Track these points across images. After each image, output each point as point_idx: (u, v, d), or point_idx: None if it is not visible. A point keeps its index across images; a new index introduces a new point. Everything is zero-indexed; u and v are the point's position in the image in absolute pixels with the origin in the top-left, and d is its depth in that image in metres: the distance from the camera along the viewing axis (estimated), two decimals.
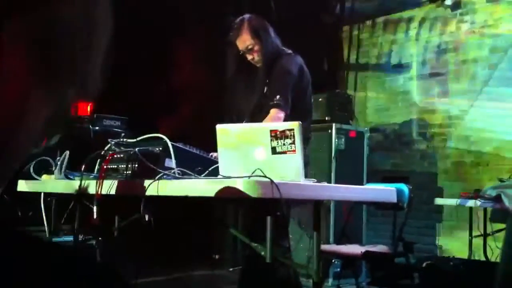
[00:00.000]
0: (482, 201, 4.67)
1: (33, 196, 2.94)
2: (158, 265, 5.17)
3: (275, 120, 2.99)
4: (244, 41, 3.25)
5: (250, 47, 3.25)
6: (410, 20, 6.45)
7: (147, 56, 5.58)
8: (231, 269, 5.75)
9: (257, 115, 3.18)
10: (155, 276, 5.03)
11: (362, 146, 5.69)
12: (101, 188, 2.47)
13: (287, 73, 3.20)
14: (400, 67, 6.50)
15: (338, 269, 5.01)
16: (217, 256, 5.88)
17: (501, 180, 4.74)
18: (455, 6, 6.03)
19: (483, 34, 5.83)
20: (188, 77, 5.74)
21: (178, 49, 5.89)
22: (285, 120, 3.02)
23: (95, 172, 2.69)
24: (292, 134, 2.35)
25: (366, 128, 5.91)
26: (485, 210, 5.02)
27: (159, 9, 5.66)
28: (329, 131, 5.38)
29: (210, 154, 2.72)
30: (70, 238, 3.06)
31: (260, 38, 3.24)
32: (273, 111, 3.06)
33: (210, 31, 5.83)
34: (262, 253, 2.36)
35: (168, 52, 5.86)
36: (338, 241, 4.30)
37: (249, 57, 3.29)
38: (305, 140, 3.31)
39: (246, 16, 3.32)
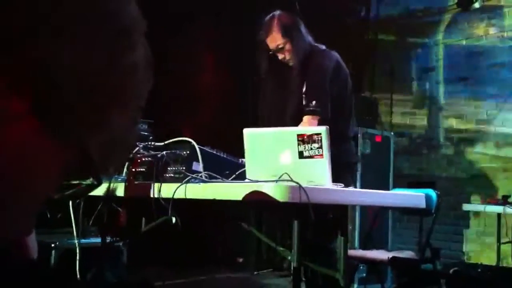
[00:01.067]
0: (511, 207, 4.60)
1: (62, 198, 2.97)
2: (182, 268, 5.20)
3: None
4: (275, 40, 3.11)
5: (281, 46, 3.11)
6: (436, 23, 6.38)
7: (169, 57, 5.61)
8: (255, 273, 5.75)
9: (298, 116, 3.08)
10: (179, 279, 5.06)
11: (388, 150, 5.65)
12: (130, 190, 2.49)
13: (321, 73, 3.08)
14: (427, 71, 6.44)
15: (364, 274, 4.97)
16: (241, 260, 5.88)
17: None
18: (483, 10, 5.96)
19: (511, 37, 5.75)
20: (214, 80, 5.76)
21: (200, 51, 5.92)
22: (323, 122, 2.91)
23: (124, 174, 2.71)
24: (320, 138, 2.34)
25: (392, 133, 5.87)
26: None
27: (180, 10, 5.69)
28: None
29: (240, 160, 2.70)
30: (98, 240, 3.09)
31: (292, 37, 3.09)
32: (306, 119, 2.99)
33: (234, 32, 5.86)
34: (289, 257, 2.36)
35: (190, 54, 5.88)
36: (363, 246, 4.27)
37: (280, 56, 3.16)
38: (347, 139, 3.25)
39: (276, 13, 3.17)
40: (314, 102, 3.00)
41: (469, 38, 6.09)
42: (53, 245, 3.58)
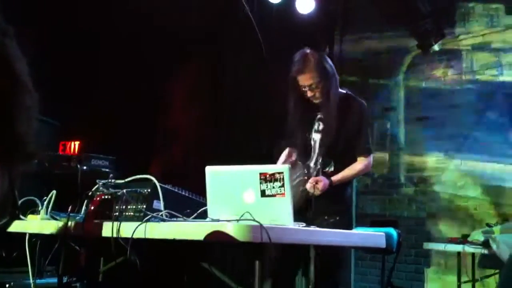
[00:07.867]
0: (470, 246, 4.65)
1: (18, 236, 2.89)
2: None
3: (369, 166, 3.23)
4: (310, 78, 3.12)
5: (314, 86, 3.13)
6: (398, 64, 6.54)
7: (136, 95, 5.58)
8: None
9: (306, 149, 3.28)
10: None
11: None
12: (88, 229, 2.43)
13: (369, 123, 3.41)
14: (388, 111, 6.56)
15: None
16: None
17: (488, 225, 4.74)
18: (442, 52, 6.14)
19: (469, 80, 5.93)
20: (179, 117, 5.74)
21: (168, 88, 5.92)
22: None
23: (82, 213, 2.65)
24: (282, 177, 2.34)
25: None
26: (473, 255, 5.00)
27: (148, 49, 5.70)
28: None
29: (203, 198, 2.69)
30: (55, 280, 2.99)
31: (326, 77, 3.13)
32: (364, 157, 3.24)
33: (201, 70, 5.88)
34: None
35: (157, 92, 5.87)
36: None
37: (310, 93, 3.16)
38: None
39: (308, 50, 3.17)
40: (370, 141, 3.26)
41: (429, 79, 6.25)
42: (7, 285, 3.45)
